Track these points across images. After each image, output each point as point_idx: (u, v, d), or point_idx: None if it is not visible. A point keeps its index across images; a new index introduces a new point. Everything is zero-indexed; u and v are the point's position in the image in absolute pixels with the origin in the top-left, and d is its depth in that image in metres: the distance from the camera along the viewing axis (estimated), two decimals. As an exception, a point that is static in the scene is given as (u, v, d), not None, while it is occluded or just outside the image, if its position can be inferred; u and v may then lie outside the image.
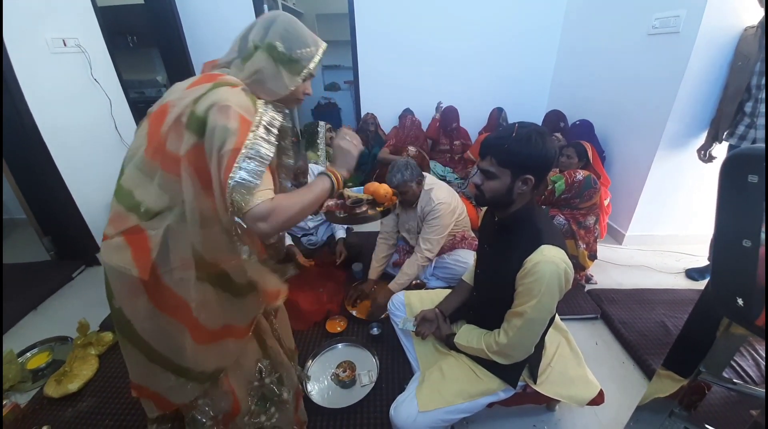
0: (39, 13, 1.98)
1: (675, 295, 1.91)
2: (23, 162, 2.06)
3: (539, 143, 0.86)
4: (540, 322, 0.94)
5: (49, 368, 1.54)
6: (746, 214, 0.64)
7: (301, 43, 0.79)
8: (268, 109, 0.75)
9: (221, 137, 0.69)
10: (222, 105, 0.70)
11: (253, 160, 0.69)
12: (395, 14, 3.15)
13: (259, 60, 0.78)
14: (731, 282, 0.71)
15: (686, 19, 1.93)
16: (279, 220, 0.72)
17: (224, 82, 0.75)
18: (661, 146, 2.14)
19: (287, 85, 0.79)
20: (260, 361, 1.00)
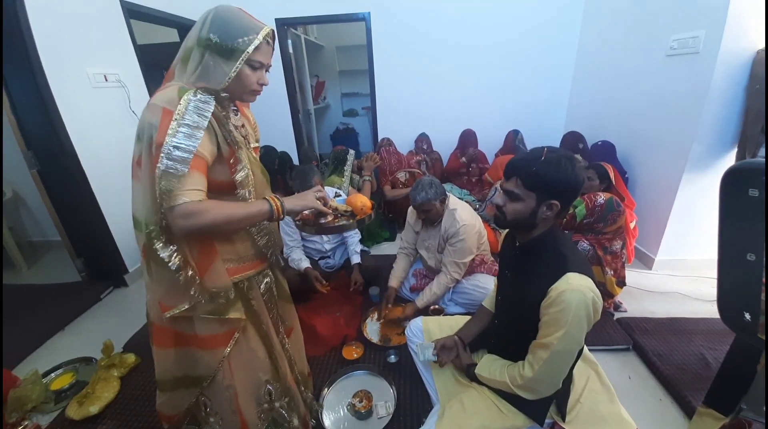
0: (83, 50, 2.17)
1: (713, 325, 1.78)
2: (62, 187, 2.20)
3: (568, 168, 0.84)
4: (568, 355, 0.89)
5: (72, 389, 1.56)
6: (749, 229, 0.63)
7: (238, 31, 0.78)
8: (195, 97, 0.74)
9: (148, 133, 0.73)
10: (149, 105, 0.75)
11: (178, 149, 0.71)
12: (411, 43, 3.28)
13: (197, 56, 0.78)
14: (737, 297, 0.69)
15: (705, 39, 1.91)
16: (199, 223, 0.74)
17: (160, 91, 0.78)
18: (687, 168, 2.07)
19: (226, 72, 0.78)
20: (269, 382, 1.00)
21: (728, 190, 0.67)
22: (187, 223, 0.73)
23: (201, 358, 0.90)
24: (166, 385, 0.96)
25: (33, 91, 1.95)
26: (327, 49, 5.21)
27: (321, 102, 5.28)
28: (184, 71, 0.80)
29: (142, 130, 0.75)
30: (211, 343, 0.90)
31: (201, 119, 0.74)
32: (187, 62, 0.80)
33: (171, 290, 0.84)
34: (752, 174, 0.61)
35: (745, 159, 1.88)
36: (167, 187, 0.71)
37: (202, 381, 0.93)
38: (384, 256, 2.49)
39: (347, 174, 2.77)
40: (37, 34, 1.90)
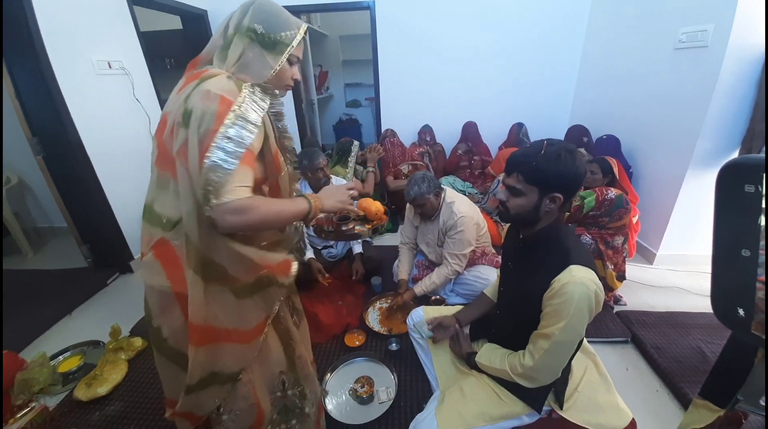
0: (87, 38, 2.16)
1: (712, 320, 1.78)
2: (67, 174, 2.21)
3: (569, 161, 0.84)
4: (568, 346, 0.91)
5: (80, 372, 1.60)
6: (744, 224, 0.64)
7: (282, 25, 0.78)
8: (254, 90, 0.73)
9: (200, 119, 0.68)
10: (203, 90, 0.70)
11: (231, 141, 0.68)
12: (416, 34, 3.24)
13: (241, 45, 0.77)
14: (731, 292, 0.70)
15: (714, 33, 1.89)
16: (248, 220, 0.71)
17: (208, 75, 0.74)
18: (692, 164, 2.06)
19: (272, 65, 0.78)
20: (284, 374, 1.00)
21: (724, 185, 0.67)
22: (237, 219, 0.70)
23: (239, 352, 0.87)
24: (195, 386, 0.87)
25: (38, 77, 1.96)
26: (330, 38, 5.15)
27: (324, 92, 5.25)
28: (223, 59, 0.78)
29: (196, 118, 0.69)
30: (249, 336, 0.87)
31: (257, 115, 0.73)
32: (226, 50, 0.77)
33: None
34: (748, 169, 0.61)
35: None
36: (217, 180, 0.67)
37: (237, 375, 0.89)
38: (386, 247, 2.51)
39: (351, 165, 2.77)
40: (42, 21, 1.89)
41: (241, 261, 0.80)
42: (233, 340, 0.86)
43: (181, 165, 0.72)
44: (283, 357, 0.99)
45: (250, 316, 0.87)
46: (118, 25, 2.37)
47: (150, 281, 0.82)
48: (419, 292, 1.79)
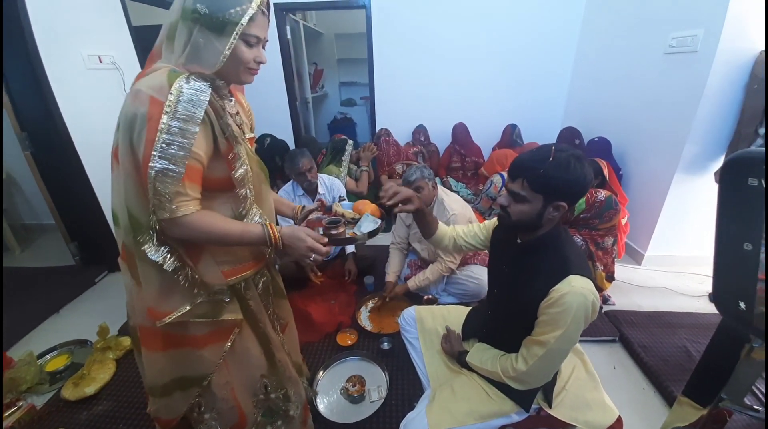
0: (77, 31, 2.13)
1: (698, 319, 1.83)
2: (55, 170, 2.18)
3: (578, 169, 0.81)
4: (563, 353, 0.91)
5: (67, 371, 1.58)
6: (747, 218, 0.64)
7: (228, 1, 0.67)
8: (190, 83, 0.65)
9: (131, 122, 0.65)
10: (133, 91, 0.65)
11: (171, 145, 0.63)
12: (411, 34, 3.24)
13: (185, 31, 0.68)
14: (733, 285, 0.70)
15: (704, 38, 1.92)
16: (193, 236, 0.71)
17: (149, 72, 0.70)
18: (680, 167, 2.10)
19: (220, 50, 0.69)
20: (266, 377, 0.98)
21: (727, 179, 0.66)
22: (180, 232, 0.71)
23: (200, 357, 0.85)
24: (159, 390, 0.88)
25: (27, 72, 1.92)
26: (326, 37, 5.13)
27: (319, 91, 5.23)
28: (171, 51, 0.71)
29: (125, 119, 0.66)
30: (209, 340, 0.85)
31: (196, 111, 0.65)
32: (173, 40, 0.70)
33: (164, 294, 0.77)
34: (752, 163, 0.61)
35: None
36: (163, 191, 0.65)
37: (202, 380, 0.87)
38: (379, 247, 2.50)
39: (345, 164, 2.77)
40: (33, 15, 1.86)
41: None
42: (187, 345, 0.84)
43: (115, 165, 0.72)
44: (263, 360, 0.97)
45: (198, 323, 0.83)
46: (109, 20, 2.34)
47: (125, 281, 0.84)
48: (412, 287, 1.80)
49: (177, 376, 0.87)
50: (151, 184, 0.64)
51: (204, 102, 0.67)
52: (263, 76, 0.86)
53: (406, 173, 1.75)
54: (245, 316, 0.90)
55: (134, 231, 0.73)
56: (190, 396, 0.89)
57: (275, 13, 3.19)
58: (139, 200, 0.71)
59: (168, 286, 0.77)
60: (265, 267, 0.95)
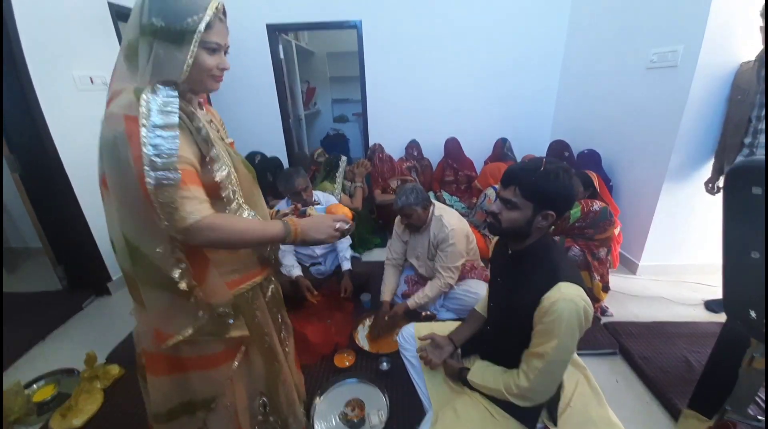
0: (69, 52, 2.12)
1: (695, 329, 1.84)
2: (43, 192, 2.13)
3: (566, 181, 0.86)
4: (562, 364, 0.91)
5: (54, 401, 1.51)
6: (753, 227, 0.63)
7: (184, 10, 0.68)
8: (156, 92, 0.66)
9: (112, 145, 0.65)
10: (106, 116, 0.66)
11: (159, 155, 0.63)
12: (403, 51, 3.32)
13: (145, 47, 0.68)
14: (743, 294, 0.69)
15: (684, 54, 2.00)
16: (214, 237, 0.70)
17: (115, 95, 0.69)
18: (667, 177, 2.15)
19: (183, 60, 0.68)
20: (264, 395, 0.98)
21: (732, 188, 0.67)
22: (203, 238, 0.69)
23: (207, 379, 0.85)
24: (164, 416, 0.87)
25: (17, 93, 1.91)
26: (318, 55, 5.22)
27: (311, 108, 5.27)
28: (134, 70, 0.70)
29: (106, 145, 0.66)
30: (216, 361, 0.85)
31: (170, 117, 0.65)
32: (134, 59, 0.69)
33: (170, 315, 0.77)
34: (755, 172, 0.62)
35: (722, 170, 1.95)
36: (168, 201, 0.64)
37: (210, 403, 0.87)
38: (375, 263, 2.49)
39: (339, 180, 2.77)
40: (24, 36, 1.86)
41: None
42: (194, 367, 0.84)
43: (105, 194, 0.72)
44: (263, 377, 0.96)
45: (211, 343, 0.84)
46: (101, 41, 2.34)
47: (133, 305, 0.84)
48: (412, 305, 1.76)
49: (185, 400, 0.87)
50: (154, 198, 0.64)
51: (174, 105, 0.67)
52: (256, 94, 0.89)
53: (394, 200, 1.73)
54: (250, 330, 0.89)
55: (131, 257, 0.72)
56: (198, 421, 0.88)
57: (268, 33, 3.24)
58: (137, 223, 0.69)
59: (172, 307, 0.76)
60: (271, 273, 0.97)
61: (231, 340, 0.84)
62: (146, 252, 0.70)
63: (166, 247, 0.71)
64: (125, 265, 0.76)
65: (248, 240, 0.77)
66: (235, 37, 3.48)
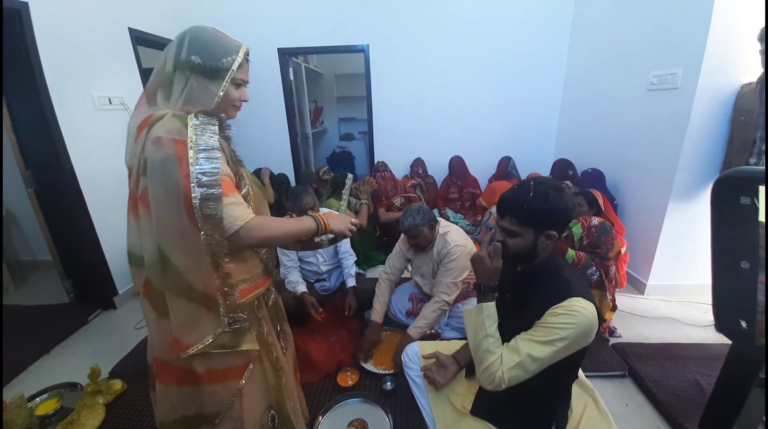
0: (89, 74, 2.23)
1: (706, 351, 1.79)
2: (57, 207, 2.19)
3: (557, 199, 0.87)
4: (537, 366, 0.87)
5: (56, 416, 1.50)
6: (741, 236, 0.64)
7: (220, 52, 0.80)
8: (199, 119, 0.76)
9: (161, 166, 0.72)
10: (153, 138, 0.73)
11: (205, 174, 0.72)
12: (408, 73, 3.43)
13: (182, 79, 0.79)
14: (733, 305, 0.69)
15: (683, 76, 2.04)
16: (261, 236, 0.81)
17: (155, 119, 0.76)
18: (672, 196, 2.15)
19: (215, 93, 0.80)
20: (273, 408, 0.99)
21: (719, 198, 0.67)
22: (254, 238, 0.79)
23: (214, 393, 0.87)
24: (169, 425, 0.91)
25: (36, 112, 1.99)
26: (326, 77, 5.39)
27: (319, 126, 5.40)
28: (167, 96, 0.81)
29: (156, 165, 0.73)
30: (225, 375, 0.88)
31: (213, 141, 0.75)
32: (168, 87, 0.80)
33: (192, 325, 0.81)
34: (743, 182, 0.62)
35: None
36: (213, 214, 0.73)
37: (215, 418, 0.89)
38: (379, 280, 2.48)
39: (345, 197, 2.81)
40: (44, 57, 1.95)
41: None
42: (202, 382, 0.87)
43: (143, 208, 0.77)
44: (273, 387, 0.99)
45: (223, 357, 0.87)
46: (120, 63, 2.46)
47: (145, 314, 0.88)
48: (416, 334, 1.69)
49: (191, 413, 0.89)
50: (198, 212, 0.72)
51: (215, 132, 0.77)
52: (266, 113, 0.97)
53: (400, 220, 1.72)
54: (259, 342, 0.93)
55: (163, 267, 0.78)
56: None
57: (279, 56, 3.37)
58: (171, 236, 0.76)
59: (194, 317, 0.81)
60: (272, 284, 1.03)
61: (242, 355, 0.88)
62: (176, 263, 0.76)
63: (195, 260, 0.77)
64: (155, 276, 0.81)
65: (290, 236, 0.88)
66: (248, 60, 3.62)
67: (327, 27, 3.30)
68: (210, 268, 0.78)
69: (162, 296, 0.80)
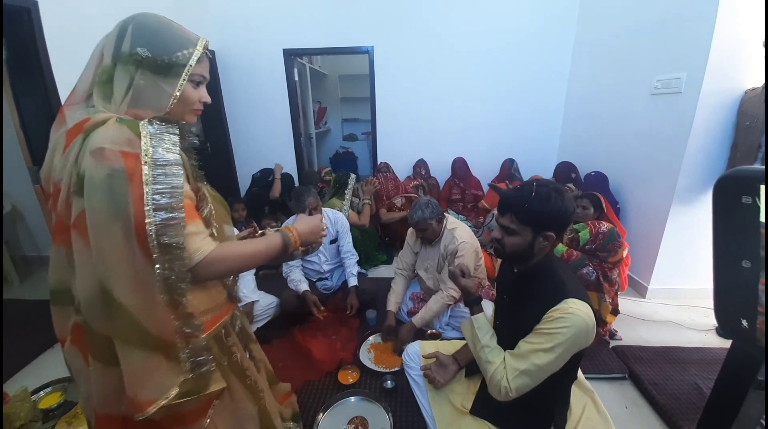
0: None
1: (707, 355, 1.79)
2: (64, 204, 2.21)
3: (558, 201, 0.89)
4: (542, 373, 0.88)
5: (60, 409, 1.52)
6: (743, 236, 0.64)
7: (174, 43, 0.67)
8: (155, 126, 0.63)
9: (106, 184, 0.58)
10: (94, 150, 0.58)
11: (163, 194, 0.60)
12: (412, 75, 3.44)
13: (126, 75, 0.65)
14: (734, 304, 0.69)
15: (687, 81, 2.04)
16: (228, 268, 0.71)
17: (93, 124, 0.62)
18: (675, 200, 2.15)
19: (171, 92, 0.67)
20: None
21: (721, 197, 0.67)
22: (213, 271, 0.68)
23: None
24: None
25: (44, 109, 2.01)
26: (330, 78, 5.41)
27: (322, 126, 5.42)
28: (107, 96, 0.66)
29: (95, 183, 0.58)
30: (184, 420, 0.74)
31: (173, 154, 0.63)
32: (108, 85, 0.66)
33: (148, 378, 0.64)
34: (745, 181, 0.62)
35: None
36: (172, 242, 0.60)
37: None
38: (381, 279, 2.50)
39: (348, 197, 2.83)
40: (53, 55, 1.97)
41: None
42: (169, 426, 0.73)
43: (78, 238, 0.61)
44: (256, 414, 0.90)
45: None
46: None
47: (74, 365, 0.74)
48: (419, 323, 1.75)
49: None
50: (154, 241, 0.59)
51: (176, 142, 0.64)
52: (271, 113, 0.91)
53: (409, 214, 1.76)
54: (232, 370, 0.85)
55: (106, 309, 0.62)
56: None
57: (284, 57, 3.40)
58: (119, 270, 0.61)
59: (151, 368, 0.65)
60: (236, 308, 0.93)
61: (204, 397, 0.73)
62: (123, 302, 0.61)
63: (147, 299, 0.62)
64: (95, 318, 0.65)
65: (257, 260, 0.75)
66: (253, 61, 3.64)
67: (332, 28, 3.32)
68: (166, 308, 0.63)
69: (105, 341, 0.64)
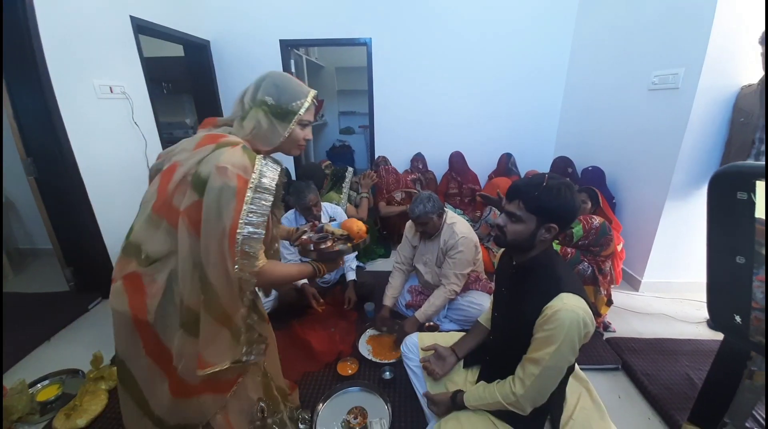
0: (90, 62, 2.21)
1: (698, 346, 1.84)
2: (58, 195, 2.18)
3: (568, 196, 0.91)
4: (557, 371, 0.92)
5: (58, 401, 1.52)
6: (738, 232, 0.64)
7: (291, 95, 0.88)
8: (266, 165, 0.84)
9: (218, 192, 0.76)
10: (220, 166, 0.77)
11: (255, 213, 0.79)
12: (410, 68, 3.42)
13: (254, 116, 0.87)
14: (727, 299, 0.70)
15: (684, 76, 2.05)
16: (271, 279, 0.89)
17: (225, 143, 0.82)
18: (670, 195, 2.18)
19: (281, 133, 0.88)
20: (262, 399, 1.01)
21: (716, 193, 0.67)
22: (265, 280, 0.87)
23: (202, 403, 0.90)
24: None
25: (38, 99, 1.97)
26: (327, 70, 5.35)
27: (319, 119, 5.38)
28: (242, 127, 0.88)
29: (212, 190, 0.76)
30: (217, 387, 0.91)
31: (271, 186, 0.83)
32: (244, 120, 0.88)
33: (217, 343, 0.83)
34: (740, 177, 0.62)
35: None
36: (251, 251, 0.79)
37: (197, 427, 0.93)
38: (379, 273, 2.51)
39: (345, 191, 2.82)
40: (46, 45, 1.93)
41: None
42: (193, 394, 0.89)
43: (184, 224, 0.79)
44: (259, 382, 1.01)
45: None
46: (122, 51, 2.44)
47: (114, 305, 0.87)
48: (423, 318, 1.75)
49: (172, 423, 0.92)
50: (239, 247, 0.77)
51: (275, 178, 0.85)
52: None
53: (410, 208, 1.76)
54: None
55: (202, 286, 0.80)
56: None
57: (281, 48, 3.36)
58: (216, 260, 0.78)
59: (218, 336, 0.83)
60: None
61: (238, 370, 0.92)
62: (213, 283, 0.78)
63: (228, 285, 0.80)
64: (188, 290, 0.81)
65: (290, 280, 1.01)
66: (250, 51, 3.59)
67: (330, 19, 3.28)
68: (237, 295, 0.82)
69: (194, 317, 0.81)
